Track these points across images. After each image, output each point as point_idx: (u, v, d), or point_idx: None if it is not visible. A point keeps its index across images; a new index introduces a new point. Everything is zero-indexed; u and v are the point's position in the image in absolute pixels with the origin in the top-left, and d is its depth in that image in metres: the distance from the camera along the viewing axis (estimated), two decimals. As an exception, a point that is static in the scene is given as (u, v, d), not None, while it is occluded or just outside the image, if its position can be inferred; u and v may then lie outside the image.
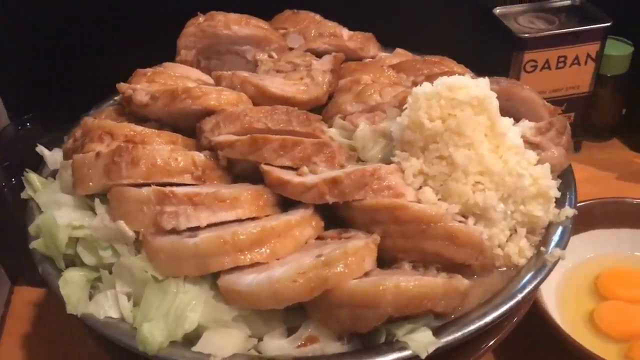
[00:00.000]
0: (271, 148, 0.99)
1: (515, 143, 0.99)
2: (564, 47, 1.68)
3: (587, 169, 1.85)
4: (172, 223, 0.91)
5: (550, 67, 1.70)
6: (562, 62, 1.70)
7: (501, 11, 1.76)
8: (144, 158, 0.96)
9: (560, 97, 1.76)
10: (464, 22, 1.80)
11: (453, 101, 0.96)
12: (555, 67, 1.71)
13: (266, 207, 0.97)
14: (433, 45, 1.39)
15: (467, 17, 1.79)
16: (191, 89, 1.07)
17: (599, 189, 1.64)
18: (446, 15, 1.79)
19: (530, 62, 1.69)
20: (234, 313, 0.88)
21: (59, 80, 1.69)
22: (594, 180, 1.79)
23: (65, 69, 1.68)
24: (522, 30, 1.68)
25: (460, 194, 0.96)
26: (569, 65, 1.71)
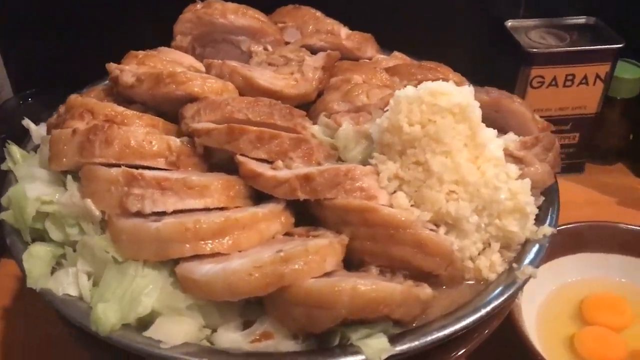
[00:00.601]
0: (248, 139, 0.98)
1: (495, 155, 0.97)
2: (573, 65, 1.65)
3: (588, 192, 1.81)
4: (137, 206, 0.90)
5: (557, 85, 1.67)
6: (569, 81, 1.67)
7: (512, 24, 1.73)
8: (118, 138, 0.96)
9: (566, 116, 1.73)
10: (474, 32, 1.77)
11: (434, 107, 0.94)
12: (562, 85, 1.68)
13: (237, 199, 0.96)
14: (440, 53, 1.36)
15: (478, 28, 1.77)
16: (176, 74, 1.06)
17: (598, 213, 1.61)
18: (457, 24, 1.77)
19: (537, 77, 1.66)
20: (189, 301, 0.87)
21: (65, 58, 1.70)
22: (594, 204, 1.76)
23: (72, 47, 1.69)
24: (531, 45, 1.65)
25: (433, 201, 0.94)
26: (577, 85, 1.68)
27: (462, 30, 1.74)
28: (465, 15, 1.73)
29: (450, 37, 1.73)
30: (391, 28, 1.48)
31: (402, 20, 1.64)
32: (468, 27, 1.75)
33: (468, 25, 1.74)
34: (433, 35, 1.70)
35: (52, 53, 1.71)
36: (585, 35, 1.70)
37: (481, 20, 1.75)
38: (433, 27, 1.73)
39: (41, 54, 1.71)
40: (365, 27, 1.40)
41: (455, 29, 1.75)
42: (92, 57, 1.36)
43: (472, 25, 1.75)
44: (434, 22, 1.73)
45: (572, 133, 1.76)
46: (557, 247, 1.37)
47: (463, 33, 1.74)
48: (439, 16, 1.73)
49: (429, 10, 1.71)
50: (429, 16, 1.72)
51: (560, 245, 1.37)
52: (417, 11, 1.70)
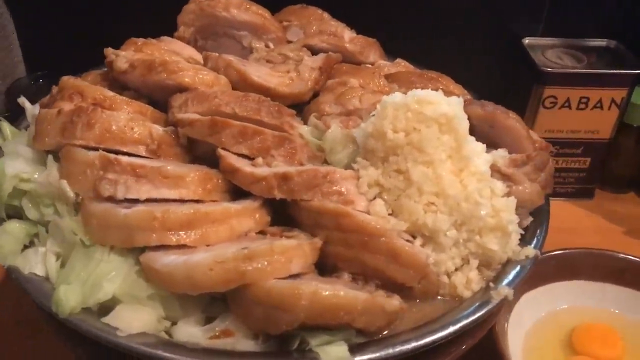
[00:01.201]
0: (230, 133, 0.97)
1: (480, 170, 0.94)
2: (588, 88, 1.60)
3: (595, 219, 1.76)
4: (110, 190, 0.89)
5: (570, 107, 1.63)
6: (583, 104, 1.63)
7: (530, 42, 1.69)
8: (100, 122, 0.95)
9: (578, 139, 1.68)
10: (491, 47, 1.74)
11: (420, 115, 0.92)
12: (575, 107, 1.63)
13: (214, 192, 0.95)
14: (454, 66, 1.33)
15: (495, 42, 1.73)
16: (168, 63, 1.05)
17: (603, 241, 1.56)
18: (474, 37, 1.74)
19: (550, 97, 1.62)
20: (151, 291, 0.86)
21: (80, 42, 1.70)
22: (600, 231, 1.71)
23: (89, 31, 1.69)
24: (546, 63, 1.61)
25: (411, 211, 0.92)
26: (591, 108, 1.63)
27: (479, 44, 1.71)
28: (482, 29, 1.69)
29: (465, 50, 1.69)
30: (405, 38, 1.46)
31: (417, 31, 1.61)
32: (485, 40, 1.71)
33: (485, 39, 1.71)
34: (448, 47, 1.67)
35: (68, 37, 1.72)
36: (604, 58, 1.65)
37: (499, 35, 1.71)
38: (448, 38, 1.70)
39: (57, 37, 1.72)
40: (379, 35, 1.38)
41: (472, 42, 1.71)
42: (108, 43, 1.37)
43: (489, 40, 1.71)
44: (450, 34, 1.70)
45: (583, 157, 1.72)
46: (551, 272, 1.33)
47: (479, 46, 1.71)
48: (455, 28, 1.70)
49: (445, 21, 1.68)
50: (444, 27, 1.69)
51: (554, 271, 1.33)
52: (433, 22, 1.67)
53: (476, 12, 1.67)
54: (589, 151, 1.70)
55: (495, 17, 1.71)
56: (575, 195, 1.77)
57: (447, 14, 1.66)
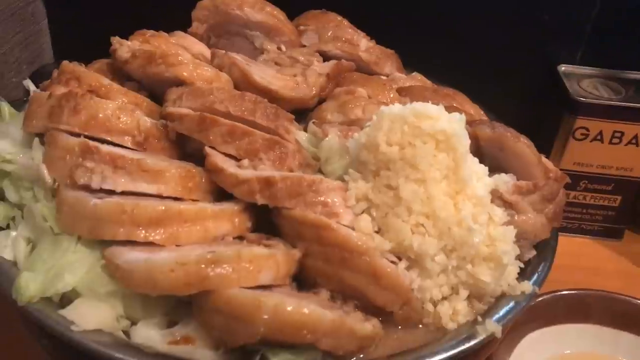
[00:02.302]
0: (219, 131, 0.92)
1: (477, 193, 0.87)
2: (623, 122, 1.50)
3: (621, 261, 1.64)
4: (84, 179, 0.86)
5: (602, 140, 1.53)
6: (617, 138, 1.52)
7: (566, 69, 1.60)
8: (87, 108, 0.92)
9: (609, 175, 1.58)
10: (522, 71, 1.65)
11: (416, 129, 0.86)
12: (608, 142, 1.53)
13: (195, 191, 0.90)
14: (485, 88, 1.27)
15: (528, 67, 1.65)
16: (168, 55, 1.01)
17: (626, 286, 1.44)
18: (508, 61, 1.65)
19: (581, 129, 1.52)
20: (112, 288, 0.81)
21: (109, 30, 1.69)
22: (625, 275, 1.59)
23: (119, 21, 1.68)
24: (580, 93, 1.52)
25: (398, 231, 0.85)
26: (625, 144, 1.53)
27: (510, 67, 1.62)
28: (515, 51, 1.61)
29: (495, 72, 1.61)
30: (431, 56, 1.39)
31: (443, 48, 1.54)
32: (517, 63, 1.63)
33: (517, 61, 1.62)
34: (480, 69, 1.59)
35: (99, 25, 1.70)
36: (643, 92, 1.55)
37: (532, 59, 1.63)
38: (481, 60, 1.62)
39: (87, 25, 1.71)
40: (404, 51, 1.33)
41: (505, 65, 1.63)
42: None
43: (522, 63, 1.63)
44: (483, 55, 1.62)
45: (614, 195, 1.61)
46: (560, 312, 1.24)
47: (510, 69, 1.62)
48: (489, 50, 1.61)
49: (478, 42, 1.60)
50: (478, 48, 1.61)
51: (563, 312, 1.24)
52: (465, 42, 1.59)
53: (510, 34, 1.59)
54: (620, 189, 1.59)
55: (530, 39, 1.63)
56: (602, 235, 1.66)
57: (478, 32, 1.58)
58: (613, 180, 1.58)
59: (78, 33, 1.74)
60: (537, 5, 1.58)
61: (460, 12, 1.57)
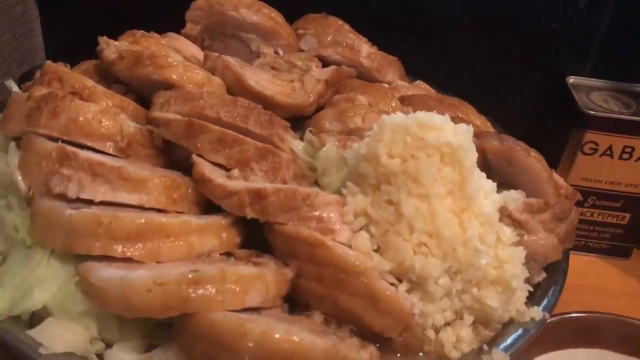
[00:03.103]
0: (207, 139, 0.85)
1: (485, 211, 0.80)
2: (634, 137, 1.43)
3: (630, 282, 1.56)
4: (60, 187, 0.78)
5: (612, 155, 1.45)
6: (627, 154, 1.45)
7: (575, 81, 1.53)
8: (66, 111, 0.85)
9: (617, 192, 1.50)
10: (530, 83, 1.58)
11: (420, 141, 0.78)
12: (618, 157, 1.45)
13: (180, 203, 0.83)
14: (491, 99, 1.20)
15: (536, 79, 1.58)
16: (157, 57, 0.94)
17: (635, 307, 1.38)
18: (515, 72, 1.58)
19: (590, 143, 1.44)
20: (85, 307, 0.74)
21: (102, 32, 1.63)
22: (634, 295, 1.52)
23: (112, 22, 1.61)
24: (589, 106, 1.44)
25: (398, 250, 0.78)
26: (636, 159, 1.45)
27: (517, 78, 1.55)
28: (523, 62, 1.54)
29: (504, 84, 1.54)
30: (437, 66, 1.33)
31: (448, 57, 1.47)
32: (524, 75, 1.56)
33: (525, 73, 1.55)
34: (486, 79, 1.52)
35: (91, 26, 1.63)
36: (655, 106, 1.48)
37: (540, 71, 1.56)
38: (487, 70, 1.55)
39: (80, 26, 1.64)
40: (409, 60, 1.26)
41: (512, 76, 1.56)
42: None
43: (530, 74, 1.56)
44: (489, 66, 1.55)
45: (622, 213, 1.53)
46: (568, 336, 1.16)
47: (518, 80, 1.55)
48: (495, 60, 1.54)
49: (484, 52, 1.53)
50: (483, 58, 1.54)
51: (572, 335, 1.16)
52: (470, 51, 1.53)
53: (518, 44, 1.52)
54: (630, 206, 1.51)
55: (538, 50, 1.56)
56: (609, 253, 1.58)
57: (484, 41, 1.52)
58: (622, 197, 1.51)
59: (72, 34, 1.67)
60: (545, 15, 1.51)
61: (465, 20, 1.50)
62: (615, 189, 1.50)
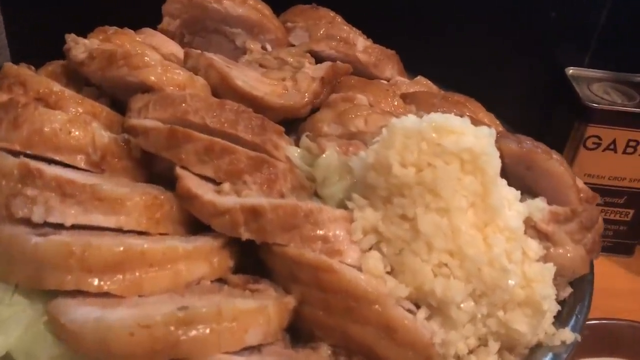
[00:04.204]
0: (193, 149, 0.74)
1: (511, 225, 0.70)
2: (639, 130, 1.35)
3: (634, 280, 1.49)
4: (24, 211, 0.67)
5: (615, 150, 1.38)
6: (631, 147, 1.37)
7: (574, 72, 1.44)
8: (30, 121, 0.73)
9: (620, 187, 1.43)
10: (529, 75, 1.49)
11: (437, 147, 0.68)
12: (622, 151, 1.38)
13: (164, 223, 0.72)
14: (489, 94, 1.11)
15: (534, 71, 1.48)
16: (132, 56, 0.83)
17: (637, 306, 1.30)
18: (512, 64, 1.49)
19: (592, 137, 1.37)
20: (55, 352, 0.62)
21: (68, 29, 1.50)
22: (635, 294, 1.44)
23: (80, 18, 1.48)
24: (591, 98, 1.36)
25: (416, 272, 0.68)
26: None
27: (515, 70, 1.46)
28: (520, 54, 1.44)
29: (499, 75, 1.44)
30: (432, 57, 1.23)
31: (445, 50, 1.37)
32: (522, 67, 1.46)
33: (523, 65, 1.46)
34: (484, 73, 1.42)
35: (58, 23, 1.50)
36: (658, 97, 1.40)
37: (539, 62, 1.46)
38: (485, 64, 1.45)
39: (46, 23, 1.51)
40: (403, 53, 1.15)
41: (509, 68, 1.46)
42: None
43: (528, 66, 1.47)
44: (485, 57, 1.45)
45: (626, 209, 1.46)
46: (587, 344, 1.07)
47: (515, 73, 1.46)
48: (492, 51, 1.45)
49: (481, 43, 1.43)
50: (481, 52, 1.44)
51: (590, 343, 1.07)
52: (467, 42, 1.43)
53: (515, 34, 1.43)
54: (633, 202, 1.44)
55: (536, 41, 1.46)
56: (611, 251, 1.51)
57: (480, 31, 1.42)
58: (625, 192, 1.43)
59: (38, 31, 1.54)
60: (543, 4, 1.42)
61: (462, 10, 1.40)
62: (619, 184, 1.43)
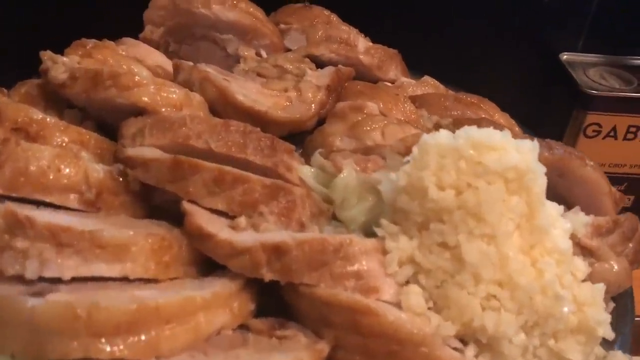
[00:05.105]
0: (201, 180, 0.65)
1: (560, 246, 0.63)
2: (639, 115, 1.30)
3: (636, 271, 1.45)
4: (15, 267, 0.57)
5: (616, 136, 1.33)
6: (632, 133, 1.33)
7: (569, 58, 1.38)
8: (12, 159, 0.63)
9: (621, 174, 1.38)
10: (523, 63, 1.42)
11: (478, 166, 0.61)
12: (622, 138, 1.33)
13: (174, 266, 0.63)
14: (483, 85, 1.05)
15: (530, 59, 1.42)
16: (120, 75, 0.73)
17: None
18: (505, 53, 1.41)
19: (593, 125, 1.31)
20: None
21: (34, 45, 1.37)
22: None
23: (40, 29, 1.35)
24: (589, 85, 1.30)
25: (463, 307, 0.60)
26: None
27: (509, 59, 1.39)
28: (515, 43, 1.38)
29: (494, 66, 1.38)
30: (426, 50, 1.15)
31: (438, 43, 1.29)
32: (517, 56, 1.39)
33: (517, 53, 1.39)
34: (476, 64, 1.36)
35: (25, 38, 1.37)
36: (657, 79, 1.35)
37: (533, 49, 1.40)
38: (477, 54, 1.38)
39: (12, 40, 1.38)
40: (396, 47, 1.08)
41: (503, 57, 1.39)
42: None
43: (523, 55, 1.40)
44: (479, 50, 1.38)
45: (627, 195, 1.41)
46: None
47: (510, 62, 1.39)
48: (485, 44, 1.37)
49: (473, 37, 1.36)
50: (473, 42, 1.37)
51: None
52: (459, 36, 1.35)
53: (505, 19, 1.36)
54: (634, 189, 1.40)
55: (528, 26, 1.40)
56: (612, 238, 1.47)
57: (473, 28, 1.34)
58: (626, 179, 1.39)
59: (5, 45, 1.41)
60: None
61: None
62: (619, 171, 1.39)
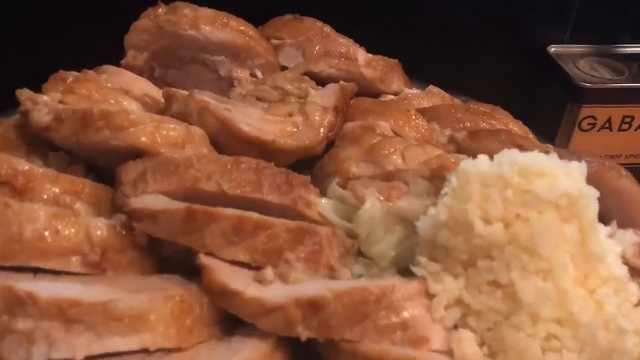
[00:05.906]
0: (218, 230, 0.58)
1: (616, 273, 0.58)
2: (634, 105, 1.27)
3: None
4: (19, 354, 0.50)
5: (611, 128, 1.30)
6: (627, 124, 1.30)
7: (556, 50, 1.35)
8: (4, 226, 0.55)
9: (617, 165, 1.34)
10: (513, 60, 1.37)
11: (527, 195, 0.55)
12: (617, 129, 1.30)
13: (197, 329, 0.56)
14: (471, 84, 1.01)
15: (517, 53, 1.37)
16: (112, 115, 0.65)
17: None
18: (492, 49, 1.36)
19: (587, 118, 1.28)
20: None
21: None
22: None
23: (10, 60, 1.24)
24: (582, 77, 1.27)
25: (522, 351, 0.55)
26: (635, 129, 1.30)
27: (498, 57, 1.34)
28: (502, 39, 1.33)
29: (482, 64, 1.33)
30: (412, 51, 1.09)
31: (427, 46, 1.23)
32: (505, 52, 1.35)
33: (505, 50, 1.34)
34: (464, 61, 1.30)
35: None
36: (647, 67, 1.32)
37: (523, 46, 1.35)
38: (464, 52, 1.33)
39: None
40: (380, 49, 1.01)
41: (490, 54, 1.34)
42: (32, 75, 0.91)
43: (511, 51, 1.35)
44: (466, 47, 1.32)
45: (622, 185, 1.38)
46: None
47: (498, 60, 1.35)
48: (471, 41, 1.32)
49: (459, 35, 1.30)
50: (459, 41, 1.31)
51: None
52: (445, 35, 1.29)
53: (493, 20, 1.31)
54: (630, 178, 1.37)
55: (513, 19, 1.35)
56: (609, 229, 1.44)
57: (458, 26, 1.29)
58: (622, 169, 1.35)
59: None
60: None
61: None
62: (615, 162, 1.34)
